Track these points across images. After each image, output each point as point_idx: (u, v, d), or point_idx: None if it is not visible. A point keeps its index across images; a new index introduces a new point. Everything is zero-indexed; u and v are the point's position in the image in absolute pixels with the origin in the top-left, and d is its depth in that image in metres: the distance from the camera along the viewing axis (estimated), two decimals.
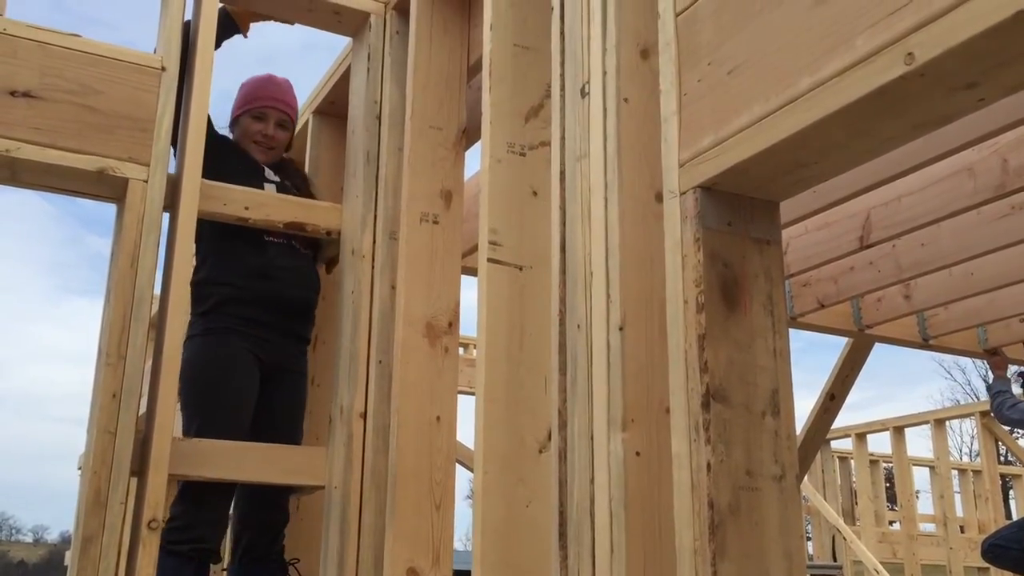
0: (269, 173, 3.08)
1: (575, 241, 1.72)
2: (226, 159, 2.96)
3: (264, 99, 3.12)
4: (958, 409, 10.77)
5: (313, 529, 3.10)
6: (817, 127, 1.22)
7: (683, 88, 1.49)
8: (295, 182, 3.14)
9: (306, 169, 3.55)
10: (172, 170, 2.66)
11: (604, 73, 1.70)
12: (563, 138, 1.82)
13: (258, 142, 3.09)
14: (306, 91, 3.66)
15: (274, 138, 3.12)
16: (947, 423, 8.57)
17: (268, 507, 2.93)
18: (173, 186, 2.63)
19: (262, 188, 2.97)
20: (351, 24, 3.08)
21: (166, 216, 2.64)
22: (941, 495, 8.19)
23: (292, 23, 3.07)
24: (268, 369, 2.92)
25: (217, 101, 3.26)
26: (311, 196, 3.14)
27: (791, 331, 4.95)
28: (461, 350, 6.42)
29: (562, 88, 1.85)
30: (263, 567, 2.89)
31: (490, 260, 2.09)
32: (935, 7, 1.05)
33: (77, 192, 2.62)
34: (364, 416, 2.69)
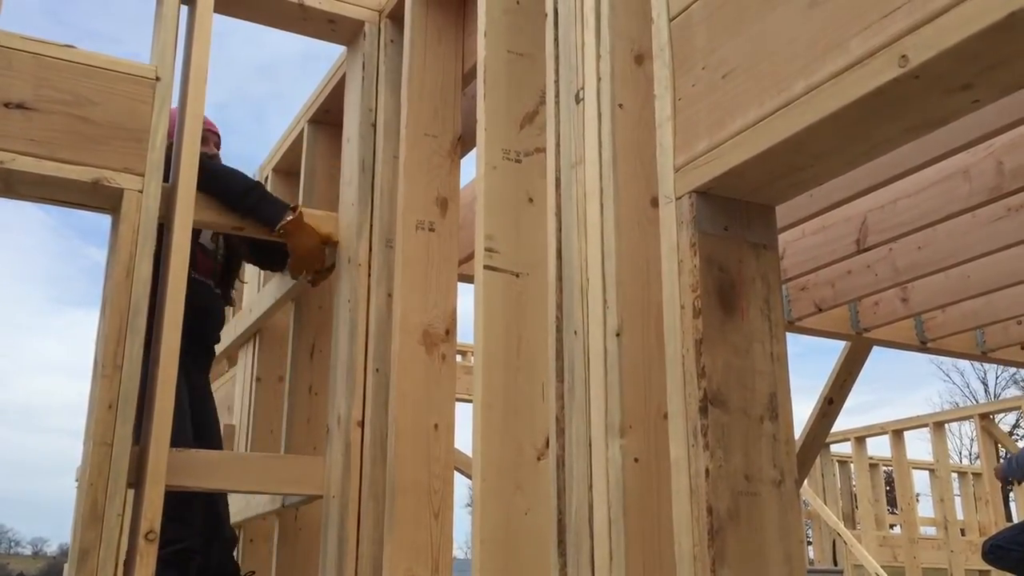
0: None
1: (571, 247, 1.72)
2: None
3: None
4: (957, 412, 10.76)
5: (311, 539, 3.09)
6: (812, 130, 1.22)
7: (678, 93, 1.49)
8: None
9: (301, 178, 3.55)
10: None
11: (598, 79, 1.70)
12: (558, 144, 1.81)
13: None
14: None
15: (216, 158, 3.18)
16: (946, 426, 8.57)
17: (227, 524, 2.96)
18: (168, 196, 2.63)
19: None
20: (345, 33, 3.08)
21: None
22: (941, 498, 8.18)
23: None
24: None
25: (218, 110, 3.29)
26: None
27: (789, 335, 4.95)
28: (459, 357, 6.42)
29: (557, 94, 1.85)
30: None
31: (486, 267, 2.09)
32: (928, 9, 1.05)
33: (72, 203, 2.61)
34: (362, 425, 2.68)
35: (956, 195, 3.36)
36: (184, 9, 2.80)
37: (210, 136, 3.19)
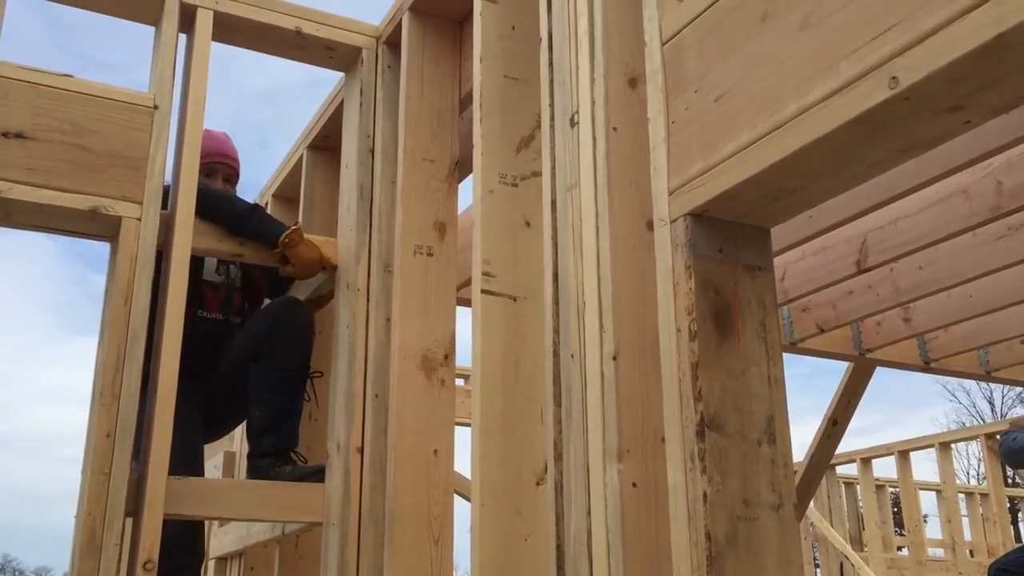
0: None
1: (567, 271, 1.71)
2: None
3: (211, 155, 3.16)
4: (963, 432, 10.71)
5: (312, 567, 3.07)
6: (805, 152, 1.22)
7: (671, 116, 1.49)
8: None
9: (300, 203, 3.55)
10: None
11: (593, 103, 1.70)
12: (554, 168, 1.82)
13: None
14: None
15: (225, 191, 3.16)
16: (952, 446, 8.52)
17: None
18: (166, 224, 2.63)
19: None
20: (343, 59, 3.09)
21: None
22: (949, 519, 8.12)
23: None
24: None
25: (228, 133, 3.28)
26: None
27: (794, 356, 4.95)
28: (460, 381, 6.40)
29: (552, 118, 1.85)
30: None
31: (484, 291, 2.09)
32: (918, 31, 1.05)
33: (70, 232, 2.62)
34: (361, 451, 2.67)
35: (956, 215, 3.35)
36: (183, 38, 2.82)
37: (219, 169, 3.18)
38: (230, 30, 2.90)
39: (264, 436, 2.90)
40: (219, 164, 3.17)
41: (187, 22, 2.80)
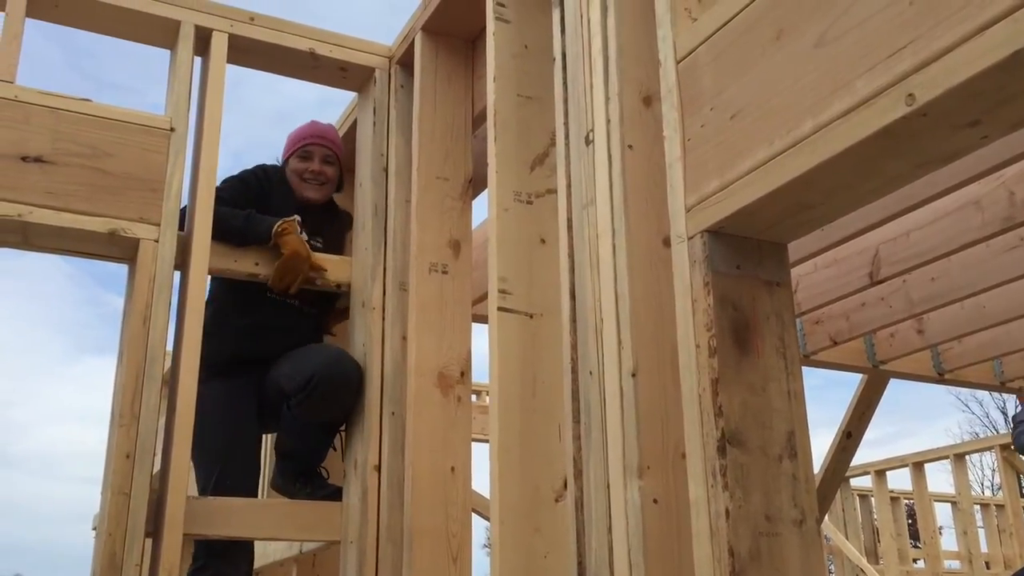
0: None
1: (584, 288, 1.72)
2: (269, 202, 2.96)
3: (307, 138, 3.11)
4: (978, 443, 10.64)
5: None
6: (822, 169, 1.23)
7: (686, 133, 1.51)
8: (326, 237, 3.10)
9: None
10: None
11: (608, 121, 1.71)
12: (569, 186, 1.83)
13: (307, 179, 3.07)
14: None
15: (323, 173, 3.08)
16: (967, 457, 8.47)
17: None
18: (184, 244, 2.65)
19: None
20: (356, 80, 3.12)
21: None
22: (964, 531, 8.06)
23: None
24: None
25: (235, 157, 3.29)
26: (339, 251, 3.12)
27: (807, 368, 4.94)
28: (474, 397, 6.40)
29: (566, 136, 1.86)
30: None
31: (500, 309, 2.10)
32: (934, 48, 1.07)
33: (89, 254, 2.64)
34: (378, 469, 2.67)
35: (969, 226, 3.35)
36: (198, 60, 2.85)
37: (315, 151, 3.08)
38: (245, 52, 2.93)
39: (292, 460, 2.91)
40: (312, 146, 3.08)
41: (202, 45, 2.83)
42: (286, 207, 2.95)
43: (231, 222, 2.80)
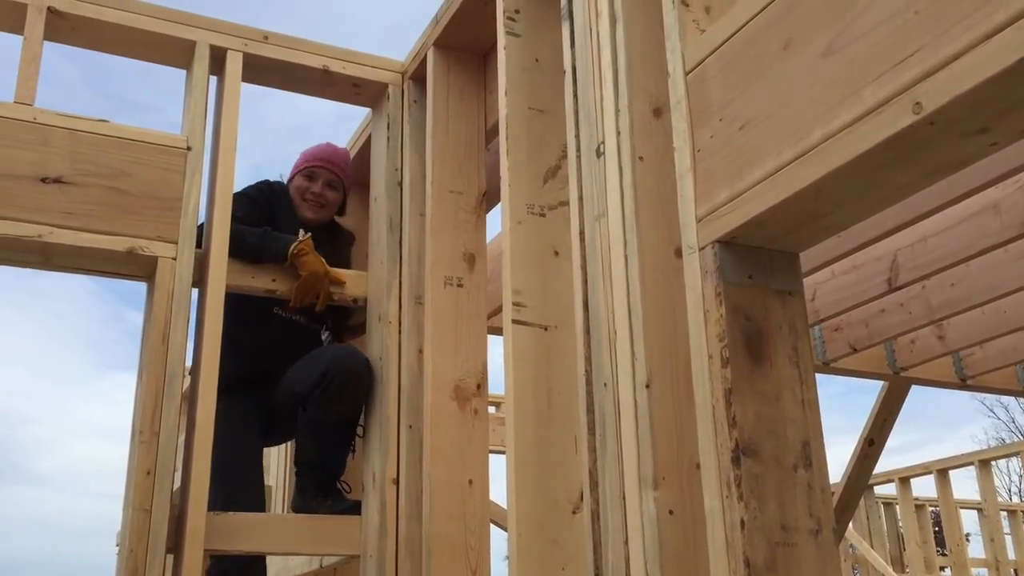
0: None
1: (598, 300, 1.73)
2: (274, 218, 3.00)
3: (314, 160, 3.16)
4: (1003, 449, 10.53)
5: None
6: (831, 178, 1.23)
7: (696, 144, 1.51)
8: (329, 252, 3.11)
9: None
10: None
11: (618, 133, 1.72)
12: (581, 198, 1.83)
13: (307, 200, 3.12)
14: None
15: (323, 196, 3.14)
16: (992, 463, 8.37)
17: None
18: (201, 262, 2.68)
19: None
20: (370, 96, 3.14)
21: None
22: (991, 538, 7.97)
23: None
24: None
25: (252, 172, 3.31)
26: (345, 266, 3.14)
27: (828, 376, 4.91)
28: (492, 409, 6.40)
29: (578, 149, 1.87)
30: None
31: (515, 321, 2.10)
32: (940, 56, 1.07)
33: (108, 272, 2.67)
34: (396, 482, 2.68)
35: (987, 230, 3.33)
36: (213, 80, 2.88)
37: (320, 173, 3.13)
38: (259, 71, 2.96)
39: (311, 470, 2.94)
40: (318, 168, 3.13)
41: (217, 65, 2.86)
42: (289, 224, 2.99)
43: (247, 240, 2.83)
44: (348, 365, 2.86)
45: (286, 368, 2.96)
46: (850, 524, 7.62)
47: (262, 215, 2.98)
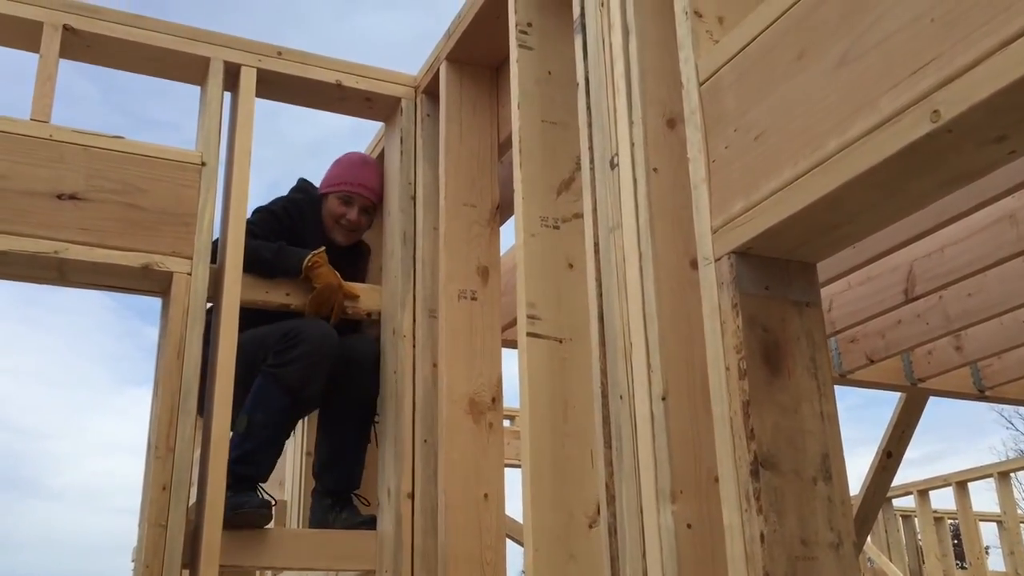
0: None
1: (613, 312, 1.72)
2: (300, 232, 3.01)
3: (353, 184, 3.13)
4: (1022, 460, 10.42)
5: None
6: (848, 188, 1.22)
7: (711, 155, 1.50)
8: (348, 271, 3.11)
9: None
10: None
11: (632, 144, 1.71)
12: (595, 210, 1.83)
13: (342, 224, 3.11)
14: None
15: (358, 223, 3.13)
16: (1012, 475, 8.29)
17: None
18: (216, 277, 2.68)
19: None
20: (382, 110, 3.15)
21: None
22: (1011, 551, 7.88)
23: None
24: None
25: (269, 188, 3.31)
26: (361, 281, 3.15)
27: (846, 388, 4.88)
28: (507, 422, 6.39)
29: (591, 161, 1.87)
30: None
31: (529, 334, 2.10)
32: (957, 64, 1.06)
33: (124, 288, 2.68)
34: (412, 497, 2.67)
35: (1004, 240, 3.31)
36: (228, 96, 2.90)
37: (356, 199, 3.11)
38: (273, 86, 2.98)
39: (327, 472, 2.94)
40: (355, 195, 3.11)
41: (231, 81, 2.88)
42: (316, 240, 2.99)
43: (261, 254, 2.84)
44: (315, 334, 2.81)
45: None
46: (868, 537, 7.56)
47: (283, 230, 2.98)
